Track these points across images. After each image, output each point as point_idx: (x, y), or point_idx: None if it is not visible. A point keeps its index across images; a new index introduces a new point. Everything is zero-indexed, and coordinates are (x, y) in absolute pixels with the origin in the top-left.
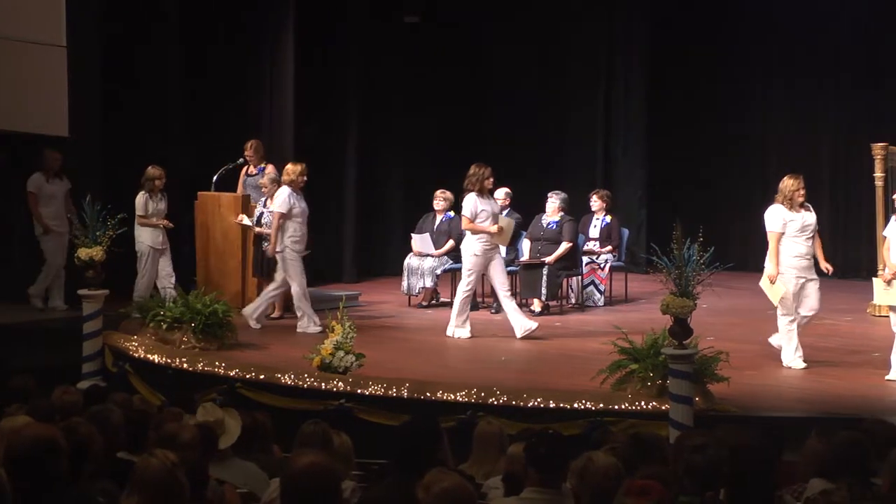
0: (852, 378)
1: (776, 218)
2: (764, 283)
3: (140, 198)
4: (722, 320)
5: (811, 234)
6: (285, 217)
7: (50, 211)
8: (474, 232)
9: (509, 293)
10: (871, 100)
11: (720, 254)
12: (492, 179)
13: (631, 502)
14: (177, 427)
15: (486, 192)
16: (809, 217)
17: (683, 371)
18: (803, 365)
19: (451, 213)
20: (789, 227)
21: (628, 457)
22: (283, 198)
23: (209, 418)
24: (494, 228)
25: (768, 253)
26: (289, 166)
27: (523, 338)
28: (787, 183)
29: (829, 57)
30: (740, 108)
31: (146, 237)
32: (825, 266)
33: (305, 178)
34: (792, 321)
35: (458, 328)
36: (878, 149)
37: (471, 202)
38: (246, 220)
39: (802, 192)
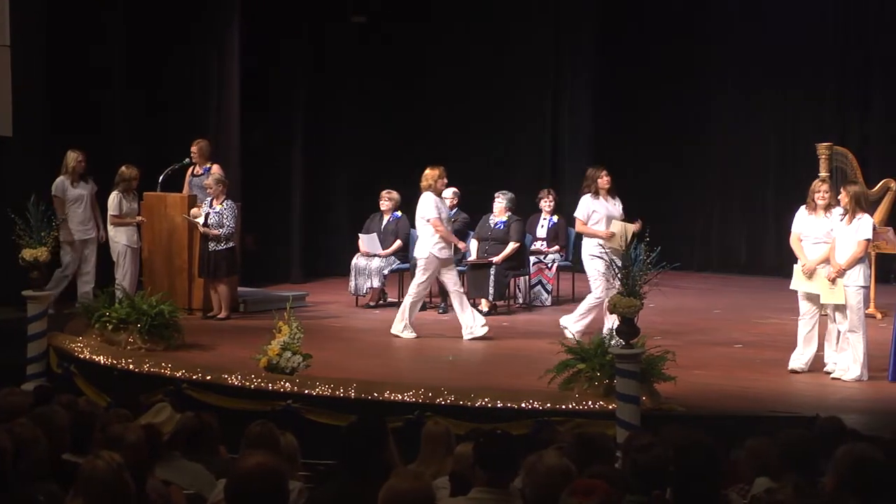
0: (797, 376)
1: (795, 219)
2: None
3: (113, 198)
4: (669, 320)
5: (816, 241)
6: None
7: (77, 215)
8: (587, 235)
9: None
10: (816, 100)
11: (667, 253)
12: (607, 179)
13: (575, 502)
14: (122, 428)
15: (603, 193)
16: (819, 222)
17: (630, 370)
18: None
19: (398, 213)
20: (804, 230)
21: (575, 456)
22: (430, 204)
23: (158, 419)
24: (605, 233)
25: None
26: (427, 171)
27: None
28: (812, 184)
29: (773, 58)
30: (686, 110)
31: (122, 237)
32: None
33: (445, 181)
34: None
35: (576, 324)
36: (822, 148)
37: (583, 204)
38: (193, 217)
39: (822, 195)
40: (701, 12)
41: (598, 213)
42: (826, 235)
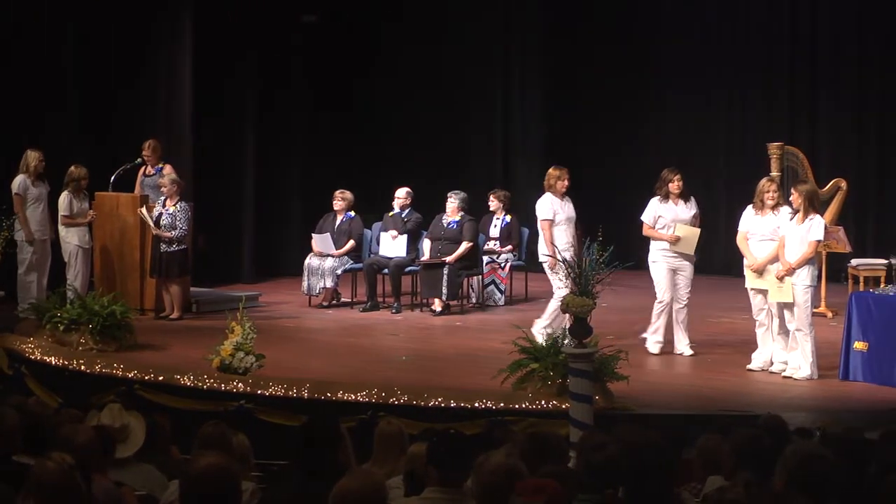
0: (749, 375)
1: (742, 218)
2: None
3: (64, 198)
4: (621, 319)
5: (762, 239)
6: (551, 223)
7: (36, 215)
8: (653, 238)
9: (684, 306)
10: (767, 100)
11: (619, 253)
12: (678, 184)
13: (522, 501)
14: (73, 429)
15: (674, 197)
16: (765, 220)
17: (583, 370)
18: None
19: (352, 213)
20: (750, 228)
21: (527, 456)
22: (545, 204)
23: (113, 422)
24: (669, 237)
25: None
26: (550, 170)
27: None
28: (759, 184)
29: (724, 58)
30: (638, 109)
31: (73, 237)
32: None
33: (566, 183)
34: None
35: (652, 335)
36: (773, 148)
37: (650, 207)
38: (146, 215)
39: (772, 195)
40: (652, 11)
41: (664, 217)
42: (772, 233)
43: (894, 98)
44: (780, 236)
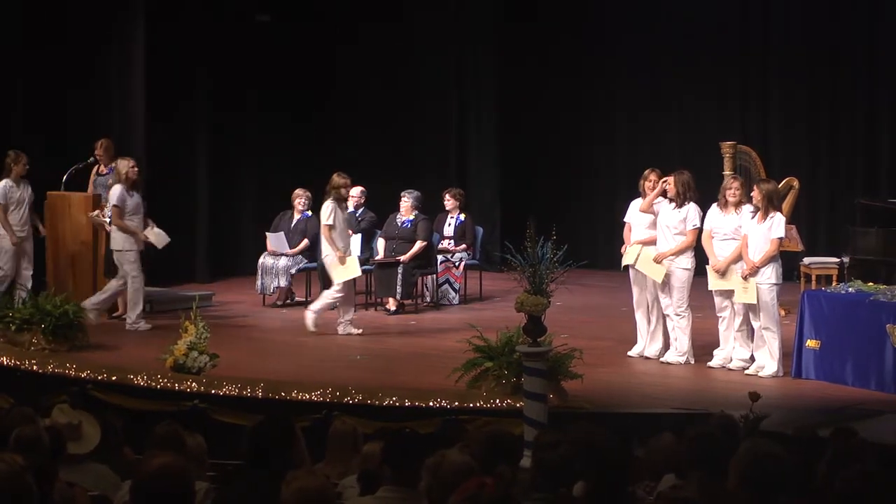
0: (706, 373)
1: (707, 217)
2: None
3: (327, 206)
4: (576, 318)
5: (724, 238)
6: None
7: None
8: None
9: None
10: (719, 99)
11: (573, 252)
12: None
13: (459, 499)
14: (25, 430)
15: (671, 195)
16: (728, 219)
17: (537, 368)
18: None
19: (309, 213)
20: (714, 226)
21: (481, 454)
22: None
23: (65, 420)
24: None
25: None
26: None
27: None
28: (724, 181)
29: (677, 59)
30: (592, 107)
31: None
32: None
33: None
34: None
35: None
36: (726, 147)
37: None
38: (98, 218)
39: (733, 192)
40: (604, 10)
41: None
42: (734, 232)
43: (846, 97)
44: (743, 236)
